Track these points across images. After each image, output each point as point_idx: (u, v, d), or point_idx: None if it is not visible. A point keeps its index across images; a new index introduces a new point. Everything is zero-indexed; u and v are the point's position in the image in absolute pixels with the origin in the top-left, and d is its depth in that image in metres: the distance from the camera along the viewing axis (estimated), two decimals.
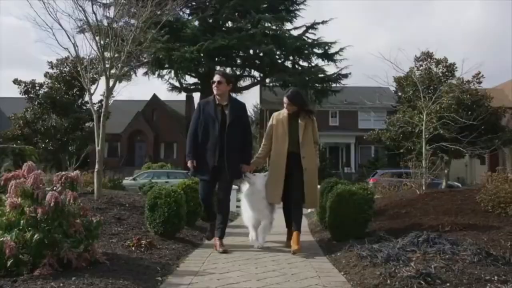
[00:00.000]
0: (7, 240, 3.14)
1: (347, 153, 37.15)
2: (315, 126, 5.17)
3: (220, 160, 4.88)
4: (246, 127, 5.24)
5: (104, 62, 7.02)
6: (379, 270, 3.50)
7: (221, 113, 4.99)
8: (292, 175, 4.91)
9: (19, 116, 20.17)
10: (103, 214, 5.54)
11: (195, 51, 23.77)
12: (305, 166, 4.91)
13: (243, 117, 5.18)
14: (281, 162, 4.93)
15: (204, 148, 4.95)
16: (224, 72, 5.37)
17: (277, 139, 5.03)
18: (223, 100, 5.05)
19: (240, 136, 5.01)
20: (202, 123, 5.00)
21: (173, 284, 3.32)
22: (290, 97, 5.06)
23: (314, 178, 5.03)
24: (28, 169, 3.56)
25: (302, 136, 4.95)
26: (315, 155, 5.16)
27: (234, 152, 4.93)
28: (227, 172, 4.90)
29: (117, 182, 14.69)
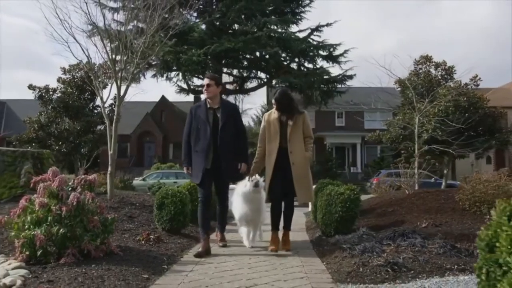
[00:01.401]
0: (37, 233, 3.73)
1: (353, 153, 37.55)
2: (306, 121, 5.25)
3: (214, 162, 4.94)
4: (240, 128, 5.26)
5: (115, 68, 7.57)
6: (355, 260, 4.05)
7: (213, 116, 5.02)
8: (283, 171, 5.00)
9: (33, 119, 20.96)
10: (116, 212, 6.10)
11: (202, 54, 24.29)
12: (293, 161, 4.99)
13: (236, 119, 5.22)
14: (272, 158, 5.05)
15: (197, 152, 4.99)
16: (213, 75, 5.38)
17: (270, 138, 5.12)
18: (215, 103, 5.08)
19: (234, 138, 5.05)
20: (194, 128, 5.04)
21: (177, 271, 3.90)
22: (278, 99, 5.14)
23: (304, 172, 5.10)
24: (53, 173, 4.16)
25: (290, 131, 5.04)
26: (306, 149, 5.17)
27: (229, 154, 4.97)
28: (222, 174, 5.00)
29: (127, 183, 15.33)
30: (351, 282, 3.52)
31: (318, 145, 37.06)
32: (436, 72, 16.09)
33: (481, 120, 14.49)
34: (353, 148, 37.29)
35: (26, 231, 3.81)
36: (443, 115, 13.77)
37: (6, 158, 7.25)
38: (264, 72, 29.41)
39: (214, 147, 4.94)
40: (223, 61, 27.59)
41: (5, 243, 4.31)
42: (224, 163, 4.95)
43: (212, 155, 4.94)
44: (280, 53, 25.91)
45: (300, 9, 29.17)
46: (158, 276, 3.64)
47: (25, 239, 3.76)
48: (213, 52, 24.42)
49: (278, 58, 26.18)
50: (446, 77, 16.18)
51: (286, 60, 27.92)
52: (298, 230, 6.95)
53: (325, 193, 5.87)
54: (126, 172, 20.39)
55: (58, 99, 20.90)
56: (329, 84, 27.86)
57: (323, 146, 36.45)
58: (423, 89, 14.70)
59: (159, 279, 3.57)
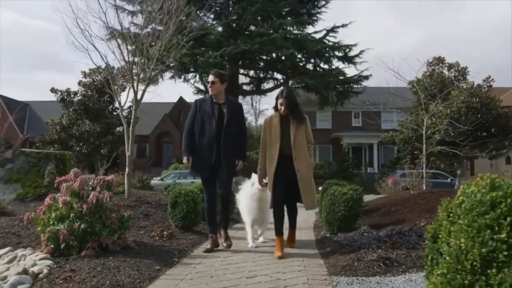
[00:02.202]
0: (61, 229, 4.13)
1: (370, 153, 37.55)
2: (308, 126, 5.19)
3: (217, 157, 4.99)
4: (242, 126, 5.32)
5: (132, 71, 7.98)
6: (351, 255, 4.35)
7: (218, 110, 5.07)
8: (286, 177, 4.95)
9: (56, 121, 21.72)
10: (132, 210, 6.51)
11: (218, 56, 24.69)
12: (298, 168, 4.91)
13: (240, 117, 5.30)
14: (273, 164, 4.96)
15: (201, 145, 5.03)
16: (218, 71, 5.31)
17: (271, 143, 5.05)
18: (220, 99, 5.13)
19: (237, 135, 5.11)
20: (199, 121, 5.07)
21: (186, 263, 4.27)
22: (288, 97, 5.04)
23: (309, 178, 5.06)
24: (75, 174, 4.56)
25: (293, 137, 4.96)
26: (309, 155, 5.13)
27: (232, 150, 5.04)
28: (225, 169, 5.04)
29: (145, 183, 15.82)
30: (344, 274, 3.82)
31: (334, 145, 37.22)
32: (449, 73, 16.17)
33: (494, 121, 14.53)
34: (370, 148, 37.30)
35: (51, 226, 4.22)
36: (455, 116, 13.89)
37: (31, 159, 7.74)
38: (280, 73, 29.67)
39: (218, 141, 4.97)
40: (239, 63, 27.99)
41: (32, 237, 4.74)
42: (226, 158, 4.99)
43: (216, 149, 4.97)
44: (295, 54, 26.15)
45: (316, 10, 29.32)
46: (169, 268, 4.02)
47: (50, 233, 4.16)
48: (229, 54, 24.79)
49: (294, 59, 26.43)
50: (459, 78, 16.24)
51: (302, 61, 28.16)
52: (305, 229, 7.26)
53: (329, 193, 6.18)
54: (145, 172, 20.94)
55: (79, 102, 21.65)
56: (345, 84, 27.99)
57: (340, 146, 36.57)
58: (436, 90, 14.80)
59: (169, 270, 3.95)
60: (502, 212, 1.64)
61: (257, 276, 3.74)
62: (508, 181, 1.77)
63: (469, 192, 1.80)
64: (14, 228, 5.23)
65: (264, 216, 5.33)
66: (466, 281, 1.63)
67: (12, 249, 4.36)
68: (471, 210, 1.72)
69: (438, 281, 1.73)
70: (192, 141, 5.09)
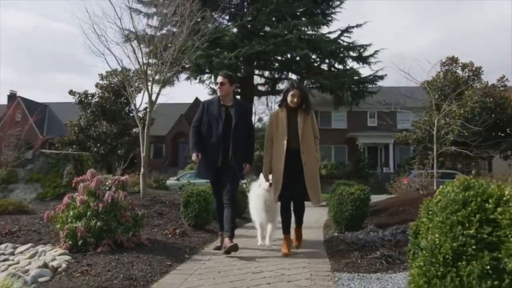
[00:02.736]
0: (78, 226, 4.38)
1: (386, 153, 37.40)
2: (314, 120, 5.14)
3: (224, 160, 4.92)
4: (250, 128, 5.23)
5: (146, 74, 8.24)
6: (355, 253, 4.51)
7: (225, 113, 5.01)
8: (293, 172, 4.88)
9: (74, 123, 22.24)
10: (147, 209, 6.76)
11: (233, 57, 24.91)
12: (304, 161, 4.87)
13: (247, 119, 5.25)
14: (281, 159, 4.90)
15: (207, 148, 4.96)
16: (227, 73, 5.26)
17: (277, 137, 5.00)
18: (228, 101, 5.06)
19: (244, 137, 5.02)
20: (206, 122, 5.02)
21: (196, 259, 4.48)
22: (300, 87, 5.09)
23: (315, 173, 5.03)
24: (92, 175, 4.81)
25: (301, 131, 4.92)
26: (315, 150, 5.08)
27: (239, 153, 4.95)
28: (231, 173, 4.93)
29: (161, 183, 16.10)
30: (346, 271, 3.99)
31: (350, 145, 37.17)
32: (463, 73, 16.13)
33: (508, 121, 14.46)
34: (386, 148, 37.15)
35: (69, 224, 4.47)
36: (469, 116, 13.88)
37: (50, 160, 8.06)
38: (295, 73, 29.72)
39: (225, 144, 4.91)
40: (254, 63, 28.18)
41: (51, 234, 5.00)
42: (233, 161, 4.91)
43: (223, 153, 4.91)
44: (310, 54, 26.21)
45: (330, 10, 29.31)
46: (180, 264, 4.23)
47: (68, 231, 4.41)
48: (244, 55, 24.99)
49: (308, 59, 26.50)
50: (473, 78, 16.20)
51: (317, 61, 28.20)
52: (316, 228, 7.41)
53: (337, 192, 6.34)
54: (161, 172, 21.27)
55: (96, 104, 22.15)
56: (360, 84, 27.95)
57: (355, 146, 36.50)
58: (450, 90, 14.79)
59: (180, 265, 4.16)
60: (472, 210, 1.80)
61: (263, 271, 3.93)
62: (482, 182, 1.93)
63: (445, 192, 1.96)
64: (35, 226, 5.51)
65: (272, 217, 5.27)
66: (439, 273, 1.79)
67: (33, 245, 4.62)
68: (446, 208, 1.88)
69: (416, 273, 1.90)
70: (199, 138, 5.01)
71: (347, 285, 3.53)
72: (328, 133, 36.21)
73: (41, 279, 3.37)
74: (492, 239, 1.73)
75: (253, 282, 3.57)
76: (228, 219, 4.86)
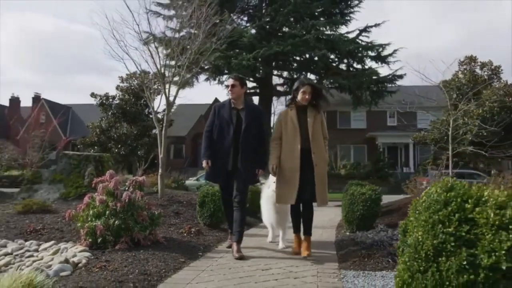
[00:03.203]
0: (98, 224, 4.62)
1: (406, 153, 37.09)
2: (323, 119, 5.03)
3: (234, 164, 4.89)
4: (261, 131, 5.11)
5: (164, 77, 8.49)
6: (362, 251, 4.65)
7: (236, 116, 4.97)
8: (303, 173, 4.74)
9: (95, 125, 22.79)
10: (164, 209, 7.01)
11: (251, 58, 25.10)
12: (316, 162, 4.74)
13: (259, 121, 5.13)
14: (294, 160, 4.75)
15: (218, 151, 4.94)
16: (238, 75, 5.26)
17: (287, 137, 4.86)
18: (239, 104, 5.03)
19: (255, 140, 4.96)
20: (217, 126, 5.00)
21: (209, 257, 4.67)
22: (312, 84, 5.00)
23: (324, 175, 4.88)
24: (110, 175, 5.05)
25: (311, 131, 4.82)
26: (325, 150, 4.96)
27: (249, 156, 4.89)
28: (241, 176, 4.89)
29: (180, 183, 16.39)
30: (353, 269, 4.13)
31: (369, 145, 36.98)
32: (482, 72, 15.99)
33: None
34: (406, 148, 36.82)
35: (89, 222, 4.71)
36: (487, 115, 13.78)
37: (73, 161, 8.37)
38: (313, 73, 29.72)
39: (236, 148, 4.88)
40: (273, 64, 28.34)
41: (73, 232, 5.27)
42: (243, 165, 4.86)
43: (233, 156, 4.90)
44: (328, 55, 26.22)
45: (348, 10, 29.27)
46: (193, 261, 4.44)
47: (88, 229, 4.66)
48: (262, 55, 25.13)
49: (326, 59, 26.50)
50: (492, 77, 16.04)
51: (335, 61, 28.19)
52: (329, 227, 7.54)
53: (349, 193, 6.46)
54: (181, 173, 21.60)
55: (117, 106, 22.64)
56: (379, 84, 27.85)
57: (375, 146, 36.31)
58: (468, 90, 14.70)
59: (193, 262, 4.37)
60: (452, 209, 1.93)
61: (272, 268, 4.10)
62: (464, 183, 2.06)
63: (430, 193, 2.10)
64: (58, 224, 5.79)
65: (284, 218, 5.26)
66: (421, 267, 1.93)
67: (56, 243, 4.89)
68: (429, 207, 2.02)
69: (401, 268, 2.05)
70: (210, 144, 5.01)
71: (351, 282, 3.67)
72: (347, 133, 36.12)
73: (62, 273, 3.61)
74: (470, 236, 1.86)
75: (261, 278, 3.74)
76: (236, 223, 4.84)
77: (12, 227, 5.69)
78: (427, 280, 1.88)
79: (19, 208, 6.65)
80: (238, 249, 4.70)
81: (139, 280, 3.50)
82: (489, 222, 1.84)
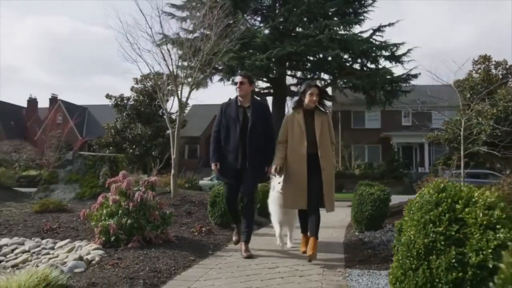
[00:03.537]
0: (111, 223, 4.77)
1: (421, 153, 36.84)
2: (330, 123, 4.97)
3: (243, 162, 4.85)
4: (269, 128, 5.05)
5: (176, 80, 8.65)
6: (369, 251, 4.73)
7: (243, 114, 4.94)
8: (310, 177, 4.68)
9: (111, 125, 23.16)
10: (176, 209, 7.16)
11: (265, 58, 25.17)
12: (323, 166, 4.67)
13: (266, 118, 5.07)
14: (301, 165, 4.70)
15: (226, 150, 4.94)
16: (246, 73, 5.22)
17: (293, 140, 4.81)
18: (246, 102, 5.00)
19: (263, 138, 4.91)
20: (224, 126, 4.99)
21: (219, 255, 4.80)
22: (318, 86, 4.96)
23: (332, 180, 4.81)
24: (123, 176, 5.21)
25: (319, 135, 4.76)
26: (333, 155, 4.92)
27: (257, 154, 4.84)
28: (249, 175, 4.87)
29: (194, 183, 16.58)
30: (358, 268, 4.21)
31: (384, 145, 36.81)
32: (496, 72, 15.84)
33: None
34: (421, 148, 36.57)
35: (103, 221, 4.87)
36: (502, 115, 13.68)
37: (88, 161, 8.58)
38: (327, 73, 29.65)
39: (243, 146, 4.84)
40: (286, 64, 28.39)
41: (88, 231, 5.44)
42: (251, 163, 4.82)
43: (241, 154, 4.86)
44: (341, 55, 26.18)
45: (362, 9, 29.17)
46: (203, 259, 4.57)
47: (102, 227, 4.81)
48: (275, 56, 25.18)
49: (339, 59, 26.40)
50: (507, 76, 15.88)
51: (349, 61, 28.11)
52: (339, 227, 7.61)
53: (358, 193, 6.53)
54: (196, 172, 21.81)
55: (132, 107, 22.99)
56: (393, 84, 27.70)
57: (389, 146, 36.13)
58: (482, 89, 14.60)
59: (203, 260, 4.50)
60: (443, 210, 2.02)
61: (278, 267, 4.21)
62: (456, 185, 2.14)
63: (423, 194, 2.19)
64: (73, 223, 5.98)
65: (291, 219, 5.25)
66: (413, 265, 2.02)
67: (71, 241, 5.06)
68: (421, 208, 2.10)
69: (395, 265, 2.15)
70: (218, 146, 5.01)
71: (355, 280, 3.75)
72: (362, 132, 35.98)
73: (76, 270, 3.77)
74: (459, 236, 1.95)
75: (268, 276, 3.85)
76: (244, 223, 4.89)
77: (29, 226, 5.90)
78: (418, 277, 1.97)
79: (36, 207, 6.87)
80: (247, 249, 4.76)
81: (149, 277, 3.64)
82: (478, 222, 1.92)
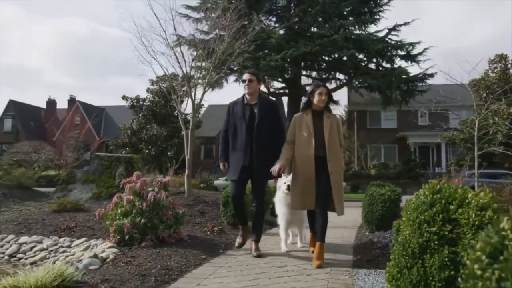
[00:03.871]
0: (125, 223, 4.93)
1: (438, 153, 36.52)
2: (340, 125, 4.93)
3: (250, 159, 4.81)
4: (277, 124, 5.01)
5: (189, 83, 8.80)
6: (377, 251, 4.80)
7: (249, 112, 4.93)
8: (318, 180, 4.61)
9: (127, 126, 23.52)
10: (190, 209, 7.30)
11: (280, 59, 25.24)
12: (331, 170, 4.59)
13: (273, 116, 5.01)
14: (309, 167, 4.62)
15: (234, 148, 4.95)
16: (254, 71, 5.20)
17: (300, 142, 4.74)
18: (253, 99, 4.97)
19: (270, 135, 4.87)
20: (232, 125, 5.00)
21: (229, 254, 4.92)
22: (325, 85, 4.89)
23: (341, 183, 4.76)
24: (137, 176, 5.36)
25: (328, 137, 4.68)
26: (341, 158, 4.84)
27: (264, 152, 4.80)
28: (257, 174, 4.84)
29: (208, 183, 16.79)
30: (366, 267, 4.28)
31: (400, 145, 36.57)
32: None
33: None
34: (438, 148, 36.26)
35: (117, 221, 5.03)
36: None
37: (104, 162, 8.79)
38: (342, 73, 29.57)
39: (250, 143, 4.82)
40: (301, 64, 28.41)
41: (103, 230, 5.61)
42: (258, 161, 4.79)
43: (249, 152, 4.82)
44: (356, 54, 26.11)
45: (378, 9, 29.05)
46: (213, 257, 4.69)
47: (117, 227, 4.97)
48: (290, 56, 25.23)
49: (354, 59, 26.33)
50: None
51: (364, 61, 28.02)
52: (351, 227, 7.65)
53: (368, 193, 6.59)
54: (211, 173, 22.03)
55: (147, 108, 23.32)
56: (409, 83, 27.52)
57: (406, 146, 35.89)
58: (499, 88, 14.47)
59: (213, 259, 4.62)
60: (437, 210, 2.09)
61: (287, 266, 4.31)
62: (451, 186, 2.22)
63: (419, 194, 2.27)
64: (89, 223, 6.16)
65: (299, 218, 5.24)
66: (408, 264, 2.10)
67: (87, 239, 5.24)
68: (417, 208, 2.18)
69: (391, 264, 2.23)
70: (226, 146, 5.04)
71: (362, 280, 3.83)
72: (378, 132, 35.79)
73: (91, 267, 3.93)
74: (452, 235, 2.02)
75: (276, 274, 3.95)
76: (254, 223, 4.95)
77: (47, 225, 6.10)
78: (413, 275, 2.05)
79: (54, 207, 7.09)
80: (257, 248, 4.83)
81: (161, 274, 3.77)
82: (470, 222, 1.99)
